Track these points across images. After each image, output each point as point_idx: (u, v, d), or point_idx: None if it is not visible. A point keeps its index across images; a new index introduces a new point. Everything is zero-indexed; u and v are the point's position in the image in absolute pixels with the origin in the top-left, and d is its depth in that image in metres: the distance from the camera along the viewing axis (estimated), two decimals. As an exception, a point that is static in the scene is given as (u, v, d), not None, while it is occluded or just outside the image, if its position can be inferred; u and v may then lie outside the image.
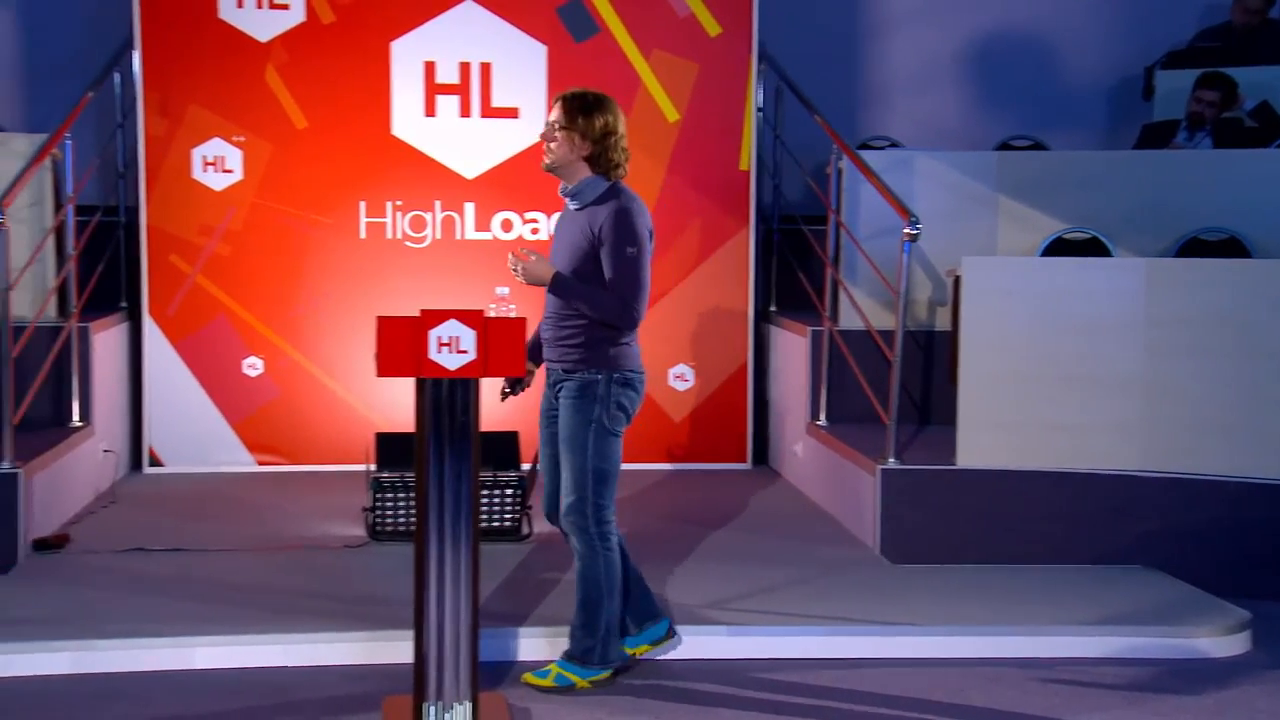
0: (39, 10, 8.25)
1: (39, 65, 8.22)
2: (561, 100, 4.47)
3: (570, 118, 4.42)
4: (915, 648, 4.88)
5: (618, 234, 4.37)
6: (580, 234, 4.42)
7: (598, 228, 4.38)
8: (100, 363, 6.90)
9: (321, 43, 7.40)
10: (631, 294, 4.37)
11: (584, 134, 4.41)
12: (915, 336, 7.01)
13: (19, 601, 5.04)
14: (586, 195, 4.46)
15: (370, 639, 4.68)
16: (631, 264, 4.37)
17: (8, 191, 5.75)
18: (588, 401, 4.40)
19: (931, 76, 8.94)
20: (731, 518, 6.60)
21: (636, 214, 4.42)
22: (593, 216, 4.41)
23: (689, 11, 7.61)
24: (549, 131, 4.45)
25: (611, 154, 4.46)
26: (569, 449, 4.43)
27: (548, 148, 4.45)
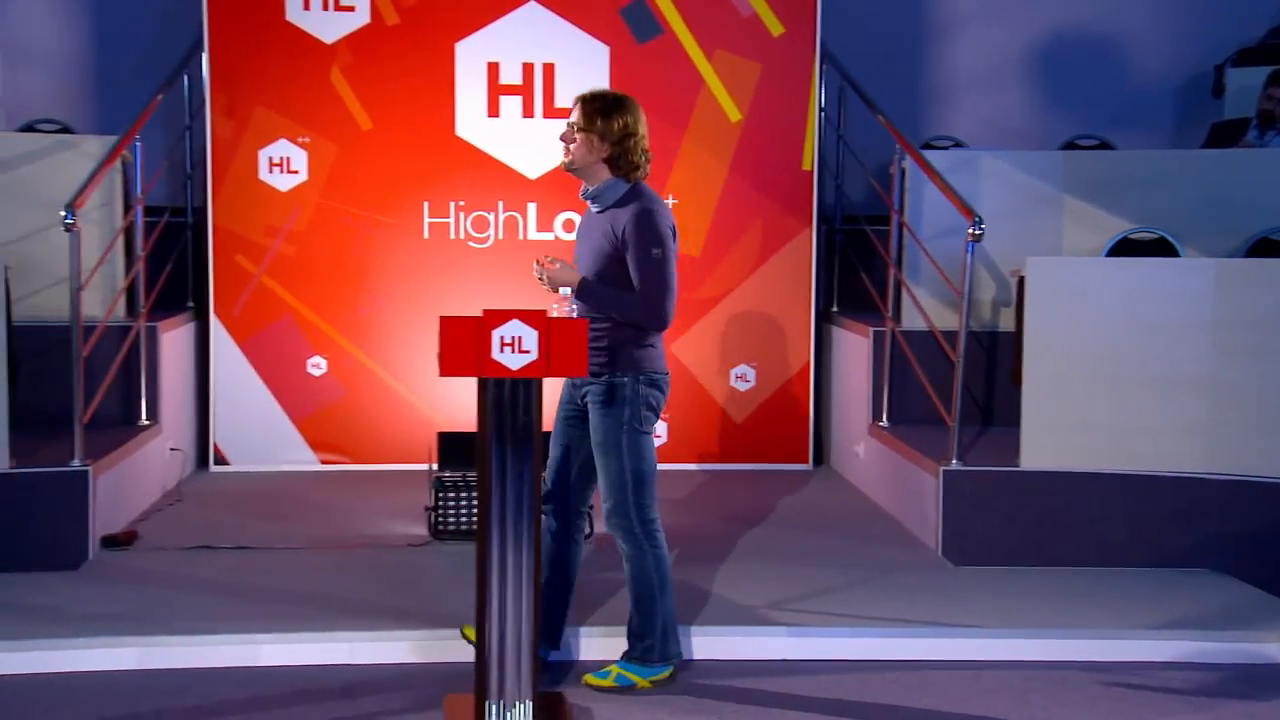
0: (110, 14, 8.37)
1: (110, 68, 8.34)
2: (580, 101, 4.45)
3: (589, 119, 4.40)
4: (978, 650, 4.84)
5: (642, 236, 4.34)
6: (603, 237, 4.40)
7: (620, 230, 4.36)
8: (167, 362, 6.99)
9: (386, 44, 7.45)
10: (660, 296, 4.35)
11: (603, 135, 4.39)
12: (978, 337, 6.96)
13: (88, 598, 5.12)
14: (607, 198, 4.44)
15: (432, 638, 4.71)
16: (658, 266, 4.35)
17: (79, 193, 5.83)
18: (617, 405, 4.39)
19: (996, 75, 8.87)
20: (792, 518, 6.58)
21: (659, 214, 4.39)
22: (614, 219, 4.39)
23: (752, 11, 7.59)
24: (568, 133, 4.44)
25: (631, 155, 4.43)
26: (604, 453, 4.42)
27: (566, 149, 4.45)
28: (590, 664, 4.67)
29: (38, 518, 5.50)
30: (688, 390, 7.69)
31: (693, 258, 7.65)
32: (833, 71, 7.79)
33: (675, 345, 7.65)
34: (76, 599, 5.09)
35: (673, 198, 7.61)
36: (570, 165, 4.46)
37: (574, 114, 4.43)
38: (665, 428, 7.68)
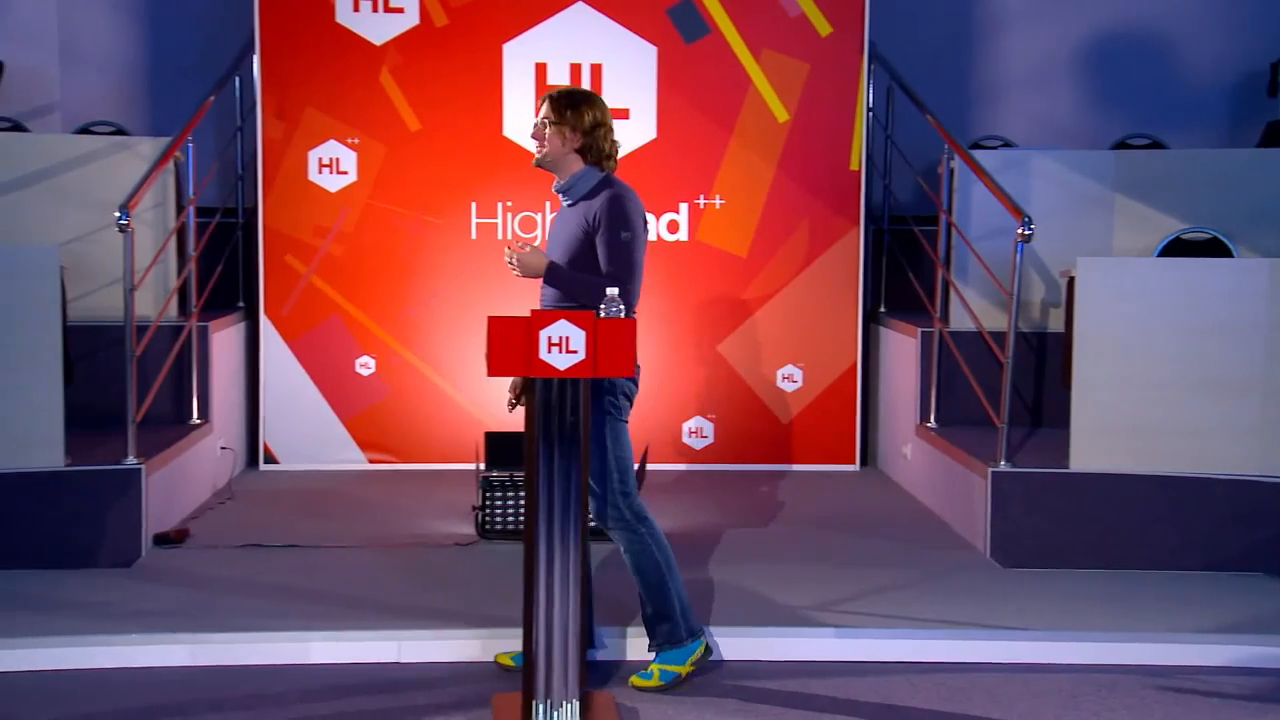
0: (164, 19, 8.45)
1: (164, 71, 8.42)
2: (549, 98, 4.54)
3: (560, 112, 4.50)
4: (1027, 653, 4.80)
5: (611, 219, 4.42)
6: (576, 226, 4.48)
7: (592, 217, 4.44)
8: (218, 361, 7.05)
9: (434, 45, 7.49)
10: (626, 277, 4.40)
11: (574, 127, 4.49)
12: (1027, 338, 6.92)
13: (141, 595, 5.17)
14: (580, 188, 4.52)
15: (480, 637, 4.73)
16: (625, 249, 4.42)
17: (133, 194, 5.90)
18: (597, 395, 4.41)
19: (1046, 74, 8.80)
20: (838, 520, 6.56)
21: (631, 201, 4.48)
22: (588, 208, 4.48)
23: (800, 11, 7.58)
24: (539, 129, 4.52)
25: (602, 144, 4.53)
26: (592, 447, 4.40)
27: (539, 144, 4.54)
28: (637, 664, 4.68)
29: (92, 515, 5.56)
30: (734, 391, 7.68)
31: (740, 258, 7.65)
32: (881, 71, 7.76)
33: (722, 345, 7.65)
34: (129, 596, 5.15)
35: (719, 198, 7.61)
36: (544, 159, 4.55)
37: (543, 110, 4.53)
38: (711, 428, 7.68)
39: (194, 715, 4.23)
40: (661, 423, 7.62)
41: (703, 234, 7.64)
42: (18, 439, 5.49)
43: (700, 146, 7.62)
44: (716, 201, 7.63)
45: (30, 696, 4.35)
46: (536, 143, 4.55)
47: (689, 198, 7.62)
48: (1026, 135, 8.58)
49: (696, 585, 5.36)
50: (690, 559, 5.74)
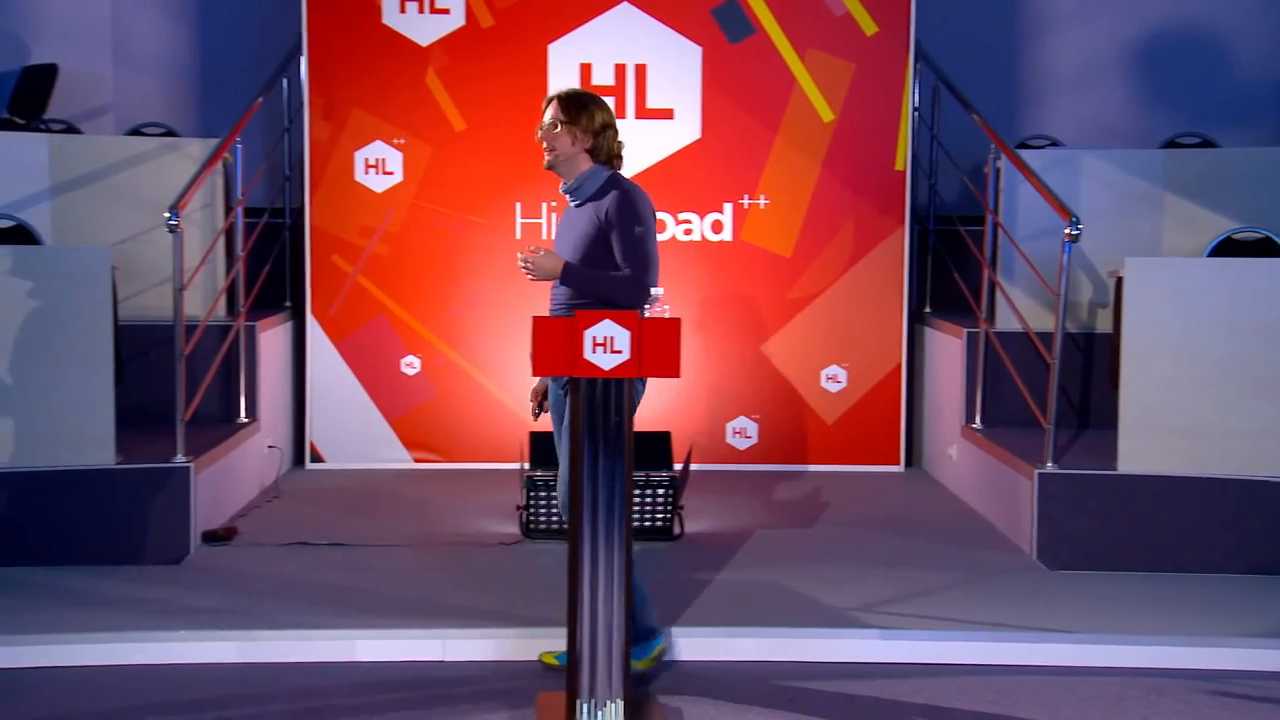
0: (214, 21, 8.54)
1: (212, 73, 8.51)
2: (557, 99, 4.56)
3: (569, 114, 4.52)
4: (1073, 655, 4.77)
5: (624, 215, 4.45)
6: (587, 224, 4.50)
7: (603, 214, 4.46)
8: (265, 361, 7.11)
9: (480, 46, 7.52)
10: (641, 270, 4.44)
11: (585, 129, 4.52)
12: (1075, 339, 6.88)
13: (189, 592, 5.22)
14: (588, 188, 4.54)
15: (524, 636, 4.74)
16: (640, 242, 4.45)
17: (182, 195, 5.95)
18: None
19: (1094, 73, 8.74)
20: (883, 520, 6.54)
21: (640, 196, 4.52)
22: (597, 207, 4.49)
23: (845, 11, 7.56)
24: (548, 131, 4.53)
25: (611, 145, 4.58)
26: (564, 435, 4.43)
27: (548, 145, 4.54)
28: (685, 664, 4.68)
29: (141, 513, 5.62)
30: (778, 391, 7.67)
31: (784, 258, 7.63)
32: (927, 70, 7.73)
33: (766, 346, 7.64)
34: (178, 593, 5.20)
35: (764, 198, 7.60)
36: (555, 160, 4.56)
37: (551, 111, 4.54)
38: (756, 428, 7.67)
39: (240, 711, 4.26)
40: (705, 423, 7.61)
41: (747, 234, 7.64)
42: (70, 437, 5.56)
43: (745, 146, 7.61)
44: (761, 201, 7.62)
45: (81, 691, 4.40)
46: (545, 144, 4.54)
47: (733, 198, 7.62)
48: (1074, 135, 8.52)
49: (739, 586, 5.36)
50: (734, 560, 5.74)
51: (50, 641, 4.65)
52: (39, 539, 5.52)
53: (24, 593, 5.16)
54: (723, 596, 5.21)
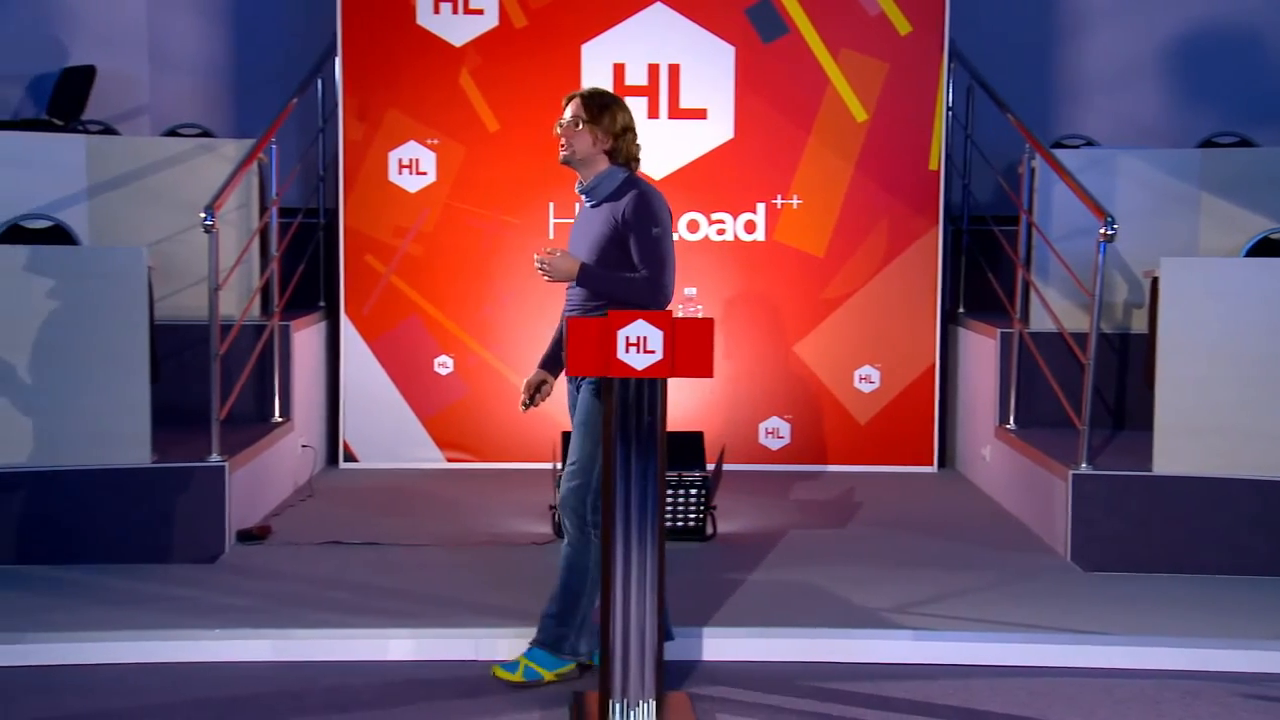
0: (249, 23, 8.59)
1: (247, 74, 8.57)
2: (580, 97, 4.54)
3: (591, 113, 4.50)
4: (1109, 658, 4.74)
5: (641, 217, 4.43)
6: (604, 225, 4.47)
7: (620, 215, 4.44)
8: (299, 360, 7.14)
9: (513, 46, 7.53)
10: (658, 271, 4.41)
11: (606, 129, 4.50)
12: (1110, 339, 6.84)
13: (224, 590, 5.25)
14: (605, 188, 4.52)
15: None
16: (657, 244, 4.42)
17: (218, 195, 5.98)
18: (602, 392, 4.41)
19: (1131, 72, 8.69)
20: (916, 521, 6.52)
21: (657, 197, 4.49)
22: (614, 208, 4.47)
23: (879, 10, 7.53)
24: (568, 128, 4.51)
25: (630, 148, 4.56)
26: (582, 435, 4.43)
27: (566, 142, 4.52)
28: (712, 664, 4.68)
29: (177, 512, 5.66)
30: (811, 391, 7.66)
31: (817, 258, 7.62)
32: (961, 70, 7.70)
33: (799, 345, 7.63)
34: (213, 592, 5.23)
35: (797, 198, 7.59)
36: (571, 157, 4.53)
37: (573, 108, 4.52)
38: (788, 428, 7.66)
39: (276, 710, 4.29)
40: (738, 423, 7.61)
41: (780, 234, 7.63)
42: (106, 436, 5.60)
43: (778, 146, 7.60)
44: (794, 201, 7.61)
45: (117, 688, 4.44)
46: (564, 140, 4.52)
47: (766, 198, 7.61)
48: (1110, 134, 8.48)
49: (771, 587, 5.35)
50: (766, 560, 5.73)
51: (87, 639, 4.69)
52: (76, 537, 5.56)
53: (61, 591, 5.20)
54: (755, 597, 5.21)
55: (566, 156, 4.54)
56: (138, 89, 8.52)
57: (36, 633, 4.71)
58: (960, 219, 7.95)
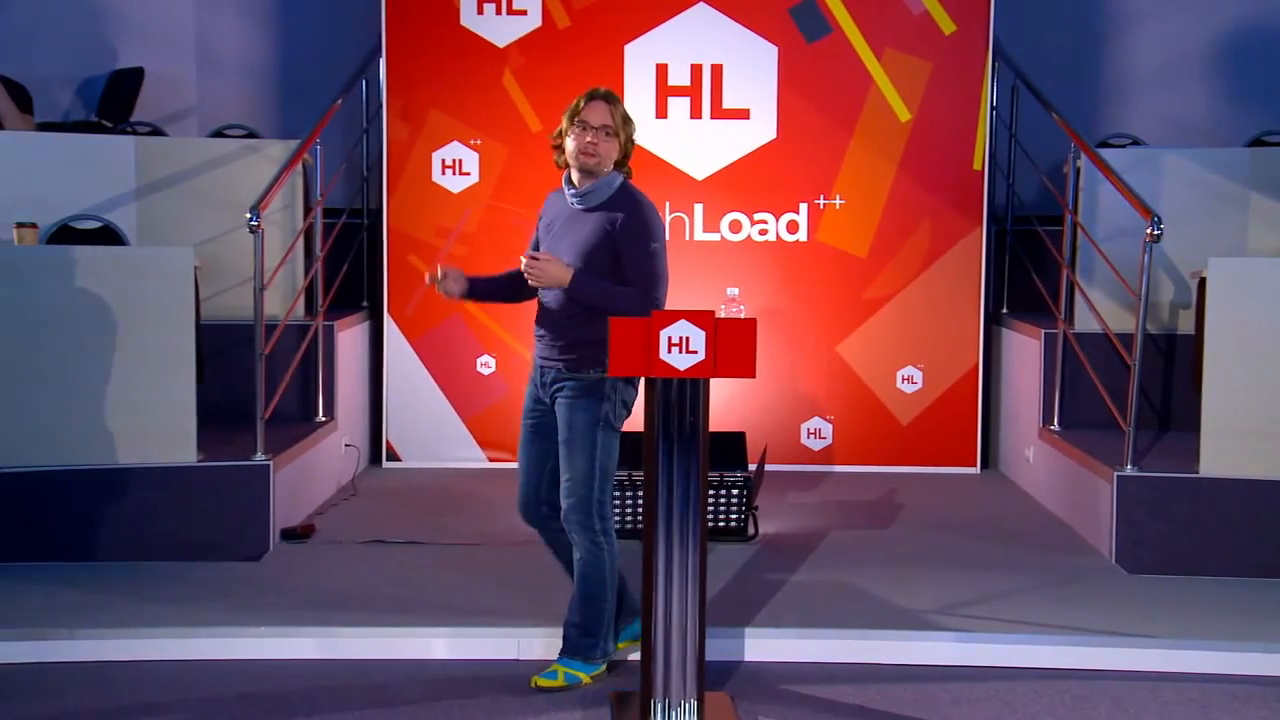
0: (294, 24, 8.65)
1: (293, 75, 8.62)
2: (608, 104, 4.43)
3: (619, 121, 4.44)
4: (1154, 661, 4.70)
5: (640, 230, 4.37)
6: (596, 231, 4.39)
7: (617, 225, 4.37)
8: (343, 360, 7.18)
9: (556, 47, 7.55)
10: (652, 287, 4.37)
11: (628, 137, 4.47)
12: (1155, 340, 6.78)
13: (269, 588, 5.29)
14: (602, 194, 4.43)
15: (599, 634, 4.76)
16: (653, 259, 4.38)
17: (263, 196, 6.03)
18: (595, 400, 4.39)
19: (1178, 70, 8.61)
20: (959, 522, 6.49)
21: (654, 210, 4.44)
22: (609, 216, 4.40)
23: (923, 10, 7.50)
24: (601, 134, 4.39)
25: (630, 152, 4.51)
26: (576, 449, 4.40)
27: (595, 150, 4.39)
28: (754, 665, 4.68)
29: (222, 510, 5.70)
30: (853, 392, 7.64)
31: (860, 258, 7.60)
32: (1005, 69, 7.66)
33: (841, 346, 7.61)
34: (257, 590, 5.27)
35: (839, 198, 7.57)
36: (599, 167, 4.42)
37: (603, 116, 4.41)
38: (830, 429, 7.64)
39: (320, 707, 4.32)
40: (779, 423, 7.60)
41: (822, 234, 7.61)
42: (153, 435, 5.65)
43: (820, 146, 7.58)
44: (836, 201, 7.59)
45: (163, 684, 4.48)
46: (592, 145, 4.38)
47: (808, 198, 7.60)
48: (1157, 133, 8.41)
49: (813, 587, 5.34)
50: (808, 561, 5.72)
51: (134, 636, 4.74)
52: (123, 535, 5.62)
53: (108, 588, 5.26)
54: (797, 597, 5.20)
55: (590, 165, 4.41)
56: (185, 91, 8.60)
57: (88, 629, 4.77)
58: (1004, 219, 7.91)
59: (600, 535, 4.44)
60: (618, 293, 4.36)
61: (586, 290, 4.36)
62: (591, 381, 4.40)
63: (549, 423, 4.52)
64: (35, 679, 4.53)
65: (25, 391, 5.55)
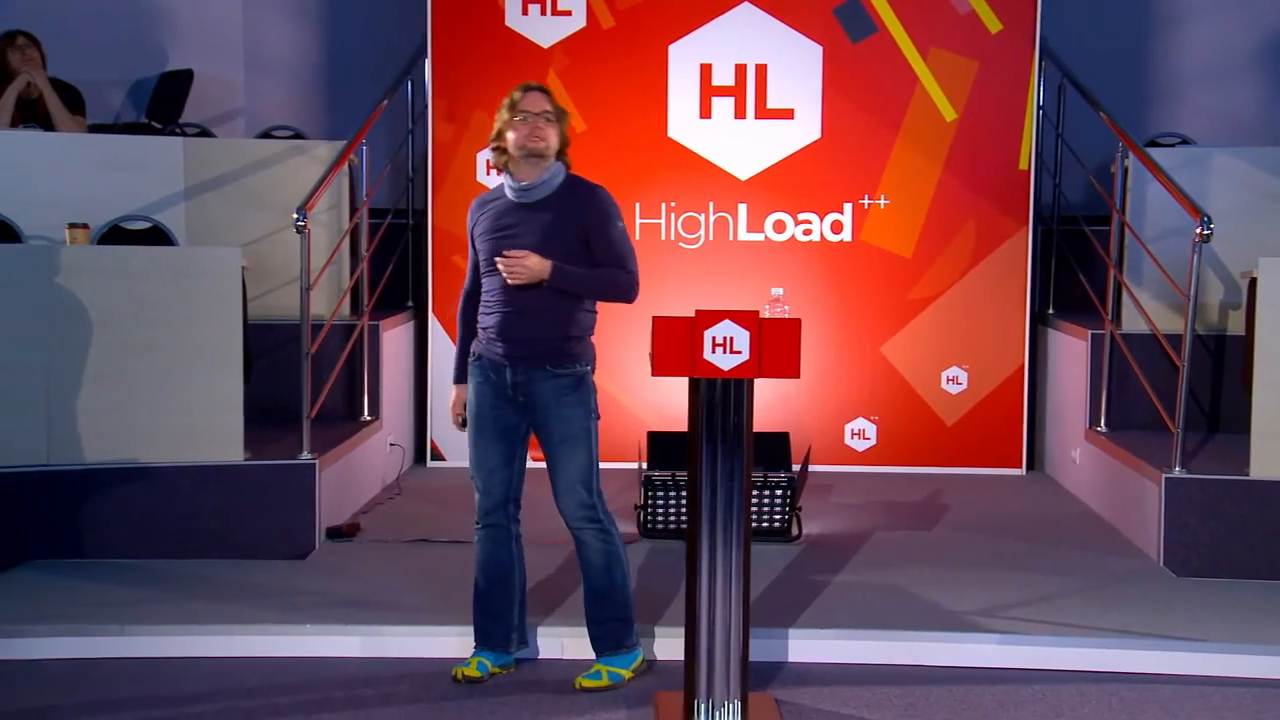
0: (340, 25, 8.70)
1: (339, 76, 8.68)
2: (542, 91, 4.48)
3: (556, 110, 4.46)
4: (1204, 665, 4.66)
5: (608, 213, 4.46)
6: (557, 222, 4.40)
7: (582, 212, 4.41)
8: (388, 360, 7.22)
9: (601, 47, 7.56)
10: (634, 264, 4.47)
11: (564, 127, 4.48)
12: (1204, 341, 6.72)
13: (315, 587, 5.32)
14: (550, 185, 4.45)
15: (642, 635, 4.74)
16: (624, 237, 4.47)
17: (310, 196, 6.06)
18: (585, 394, 4.46)
19: (1227, 68, 8.52)
20: (1005, 524, 6.45)
21: (607, 191, 4.51)
22: (568, 205, 4.42)
23: (969, 9, 7.47)
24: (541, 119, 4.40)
25: (568, 142, 4.52)
26: (576, 446, 4.44)
27: (539, 134, 4.39)
28: (797, 665, 4.67)
29: (269, 508, 5.74)
30: (897, 392, 7.61)
31: (904, 258, 7.57)
32: (1052, 68, 7.61)
33: (886, 347, 7.58)
34: (304, 587, 5.30)
35: (884, 198, 7.54)
36: (546, 150, 4.42)
37: (540, 102, 4.44)
38: (874, 430, 7.62)
39: (365, 703, 4.34)
40: (823, 424, 7.58)
41: (866, 234, 7.58)
42: (201, 433, 5.70)
43: (865, 146, 7.56)
44: (881, 201, 7.57)
45: (212, 681, 4.52)
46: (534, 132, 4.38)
47: (853, 198, 7.57)
48: (1207, 132, 8.32)
49: (857, 588, 5.32)
50: (851, 562, 5.70)
51: (182, 633, 4.78)
52: (171, 533, 5.67)
53: (158, 585, 5.31)
54: (840, 598, 5.18)
55: (540, 149, 4.40)
56: (233, 92, 8.67)
57: (138, 625, 4.82)
58: (1050, 219, 7.85)
59: (608, 524, 4.51)
60: (601, 274, 4.43)
61: (569, 279, 4.40)
62: (581, 376, 4.47)
63: (515, 423, 4.51)
64: (86, 674, 4.58)
65: (75, 391, 5.61)
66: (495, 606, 4.57)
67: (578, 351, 4.48)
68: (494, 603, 4.57)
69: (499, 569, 4.58)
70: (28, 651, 4.73)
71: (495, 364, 4.48)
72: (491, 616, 4.57)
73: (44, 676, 4.56)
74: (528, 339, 4.43)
